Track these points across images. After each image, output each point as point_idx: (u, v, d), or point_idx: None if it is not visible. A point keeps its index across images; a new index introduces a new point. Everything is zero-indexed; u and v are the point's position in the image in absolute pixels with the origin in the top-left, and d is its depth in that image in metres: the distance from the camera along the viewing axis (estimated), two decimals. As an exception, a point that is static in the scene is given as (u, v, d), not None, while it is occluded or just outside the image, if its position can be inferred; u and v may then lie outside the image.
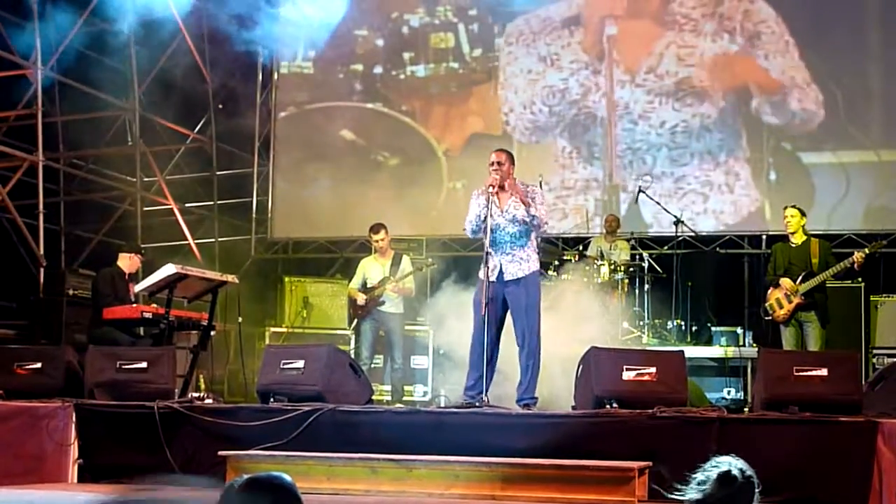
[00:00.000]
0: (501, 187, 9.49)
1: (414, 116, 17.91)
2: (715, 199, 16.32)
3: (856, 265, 11.68)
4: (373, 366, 13.27)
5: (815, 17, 16.24)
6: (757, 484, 3.81)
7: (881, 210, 15.79)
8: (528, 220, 9.49)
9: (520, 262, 9.51)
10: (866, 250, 11.83)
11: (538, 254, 9.86)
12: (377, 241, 13.36)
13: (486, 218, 9.40)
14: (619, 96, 16.78)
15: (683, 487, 3.87)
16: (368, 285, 13.28)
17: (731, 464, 3.81)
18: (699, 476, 3.82)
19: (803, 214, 12.15)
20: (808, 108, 16.07)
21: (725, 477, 3.76)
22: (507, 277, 9.44)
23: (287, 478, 3.31)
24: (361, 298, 13.19)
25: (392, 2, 18.34)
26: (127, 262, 12.53)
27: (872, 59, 16.08)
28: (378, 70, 18.35)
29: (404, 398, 13.45)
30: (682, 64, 16.59)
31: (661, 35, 16.75)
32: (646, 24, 16.93)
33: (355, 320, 13.59)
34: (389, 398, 13.21)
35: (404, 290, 13.36)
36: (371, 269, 13.41)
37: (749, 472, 3.81)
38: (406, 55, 18.18)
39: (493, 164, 9.54)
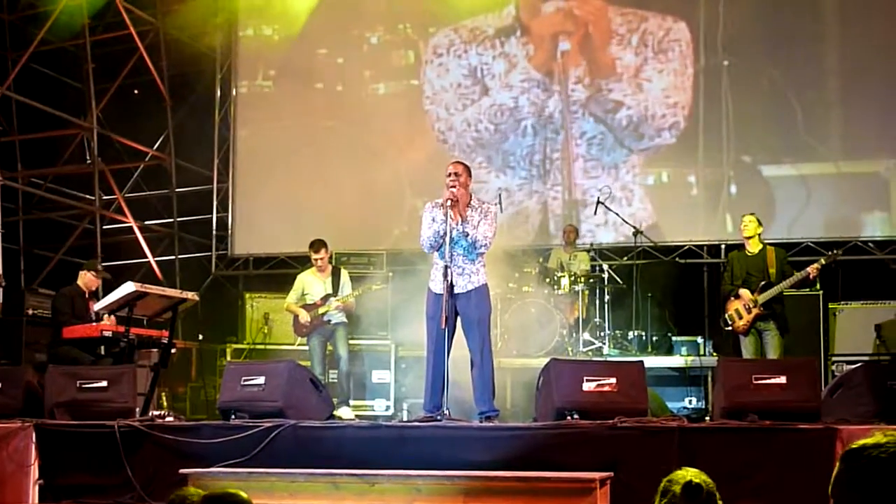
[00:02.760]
0: (457, 200, 9.49)
1: (375, 134, 17.90)
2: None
3: (811, 276, 11.75)
4: (329, 380, 13.24)
5: (774, 31, 16.35)
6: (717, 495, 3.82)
7: (841, 221, 15.91)
8: (466, 235, 9.47)
9: (469, 276, 9.50)
10: (822, 261, 11.89)
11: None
12: (318, 259, 13.35)
13: (444, 232, 9.40)
14: (574, 111, 16.93)
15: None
16: (308, 301, 13.27)
17: (692, 475, 3.81)
18: (663, 490, 3.82)
19: (760, 223, 12.22)
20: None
21: (690, 488, 3.76)
22: (456, 290, 9.42)
23: (243, 495, 3.31)
24: (305, 316, 13.17)
25: (352, 19, 18.34)
26: (86, 280, 12.50)
27: (830, 72, 16.21)
28: (339, 88, 18.35)
29: (366, 413, 13.45)
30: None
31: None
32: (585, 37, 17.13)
33: (298, 338, 13.63)
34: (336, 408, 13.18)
35: (348, 306, 13.37)
36: (311, 284, 13.40)
37: (711, 483, 3.82)
38: (367, 73, 18.20)
39: (450, 175, 9.51)
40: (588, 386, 8.78)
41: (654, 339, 14.86)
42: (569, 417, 8.62)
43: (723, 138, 16.38)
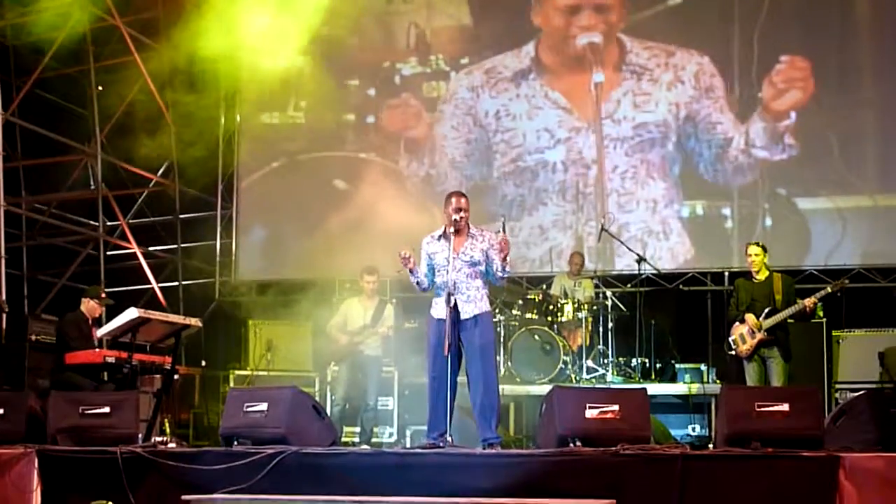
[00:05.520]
0: (458, 230, 9.55)
1: (408, 166, 17.96)
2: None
3: (807, 309, 11.75)
4: (346, 407, 13.18)
5: (808, 62, 16.39)
6: None
7: (877, 254, 15.91)
8: (499, 274, 9.58)
9: (474, 303, 9.54)
10: (818, 295, 11.85)
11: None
12: (369, 283, 13.28)
13: (451, 260, 9.45)
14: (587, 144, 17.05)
15: None
16: (349, 328, 13.21)
17: None
18: None
19: (765, 251, 12.21)
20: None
21: None
22: (462, 317, 9.47)
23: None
24: (344, 339, 13.12)
25: (384, 51, 18.45)
26: (89, 306, 12.50)
27: (866, 104, 16.22)
28: (370, 119, 18.41)
29: (371, 440, 13.42)
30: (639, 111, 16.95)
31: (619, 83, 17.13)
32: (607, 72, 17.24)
33: (332, 362, 13.56)
34: (358, 440, 13.16)
35: (386, 336, 13.28)
36: (353, 311, 13.30)
37: None
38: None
39: (458, 209, 9.58)
40: (591, 413, 8.76)
41: (658, 366, 14.86)
42: (571, 444, 8.60)
43: (758, 171, 16.43)
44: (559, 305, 14.54)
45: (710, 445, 11.34)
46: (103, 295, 12.90)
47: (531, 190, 17.30)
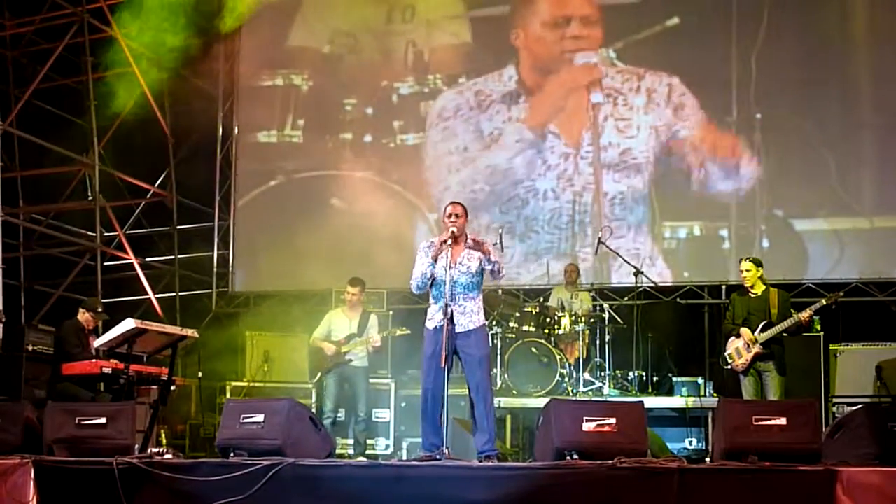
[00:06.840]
0: (456, 240, 9.56)
1: (405, 185, 17.98)
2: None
3: (803, 322, 11.74)
4: (337, 419, 13.19)
5: (806, 85, 16.40)
6: None
7: (875, 276, 15.89)
8: (488, 268, 9.58)
9: (471, 315, 9.57)
10: (811, 309, 11.85)
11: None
12: (352, 294, 13.32)
13: (431, 275, 9.47)
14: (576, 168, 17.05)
15: None
16: (333, 338, 13.23)
17: None
18: None
19: (759, 266, 12.18)
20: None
21: None
22: (458, 329, 9.48)
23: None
24: (329, 349, 13.15)
25: (381, 70, 18.48)
26: (86, 316, 12.49)
27: (864, 126, 16.20)
28: (368, 138, 18.43)
29: (367, 451, 13.40)
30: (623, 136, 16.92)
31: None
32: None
33: (319, 374, 13.55)
34: (352, 451, 13.16)
35: (374, 344, 13.26)
36: (338, 322, 13.37)
37: None
38: (396, 123, 18.28)
39: (450, 216, 9.61)
40: (588, 426, 8.74)
41: (655, 379, 14.84)
42: (568, 457, 8.59)
43: (755, 192, 16.41)
44: (556, 318, 14.53)
45: (708, 459, 11.33)
46: (100, 309, 12.89)
47: (520, 218, 17.32)
